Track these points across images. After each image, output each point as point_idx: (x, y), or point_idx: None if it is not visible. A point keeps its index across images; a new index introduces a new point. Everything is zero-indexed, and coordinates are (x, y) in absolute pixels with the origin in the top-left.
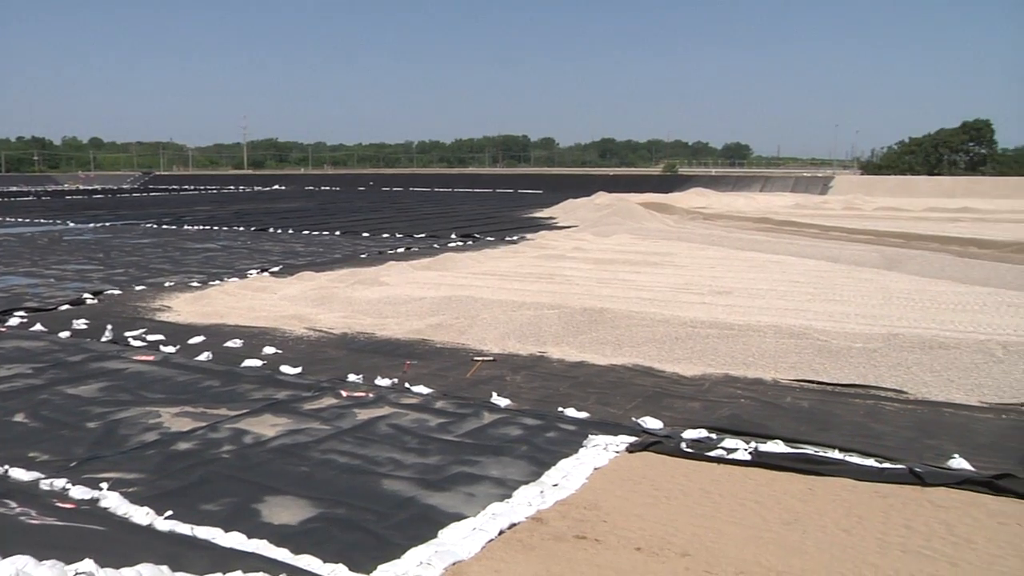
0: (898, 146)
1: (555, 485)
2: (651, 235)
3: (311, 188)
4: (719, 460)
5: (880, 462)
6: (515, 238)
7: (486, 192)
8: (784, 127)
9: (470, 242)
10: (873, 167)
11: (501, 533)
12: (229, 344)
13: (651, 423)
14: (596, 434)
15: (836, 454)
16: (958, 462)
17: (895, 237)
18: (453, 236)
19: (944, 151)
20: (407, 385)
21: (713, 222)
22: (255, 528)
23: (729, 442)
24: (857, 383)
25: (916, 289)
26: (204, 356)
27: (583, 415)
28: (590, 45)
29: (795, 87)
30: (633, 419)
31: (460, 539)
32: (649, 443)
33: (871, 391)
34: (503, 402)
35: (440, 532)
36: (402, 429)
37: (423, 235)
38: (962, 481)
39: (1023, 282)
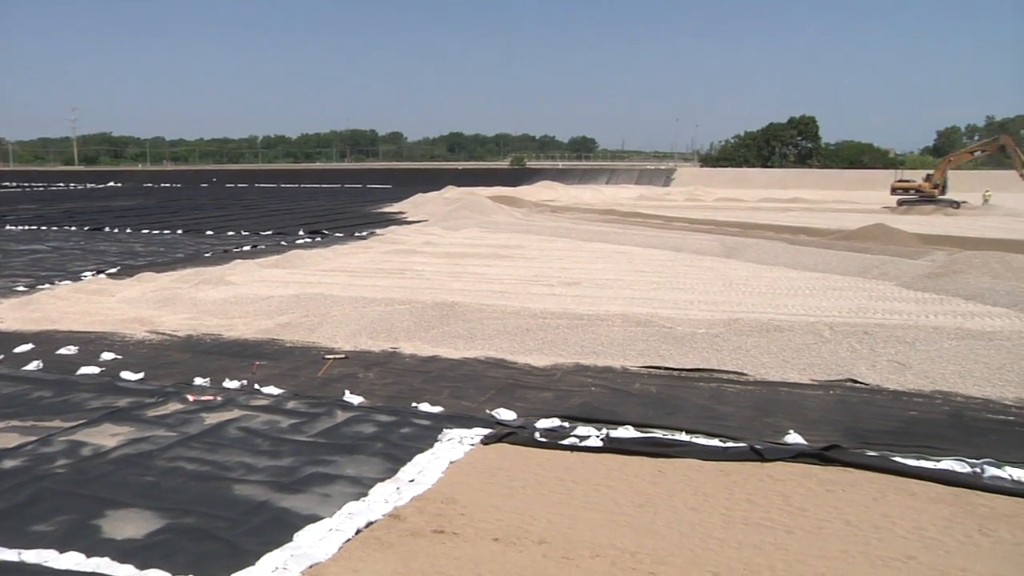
0: (734, 140)
1: (411, 481)
2: (500, 228)
3: (150, 185)
4: (572, 448)
5: (724, 442)
6: (365, 234)
7: (334, 187)
8: (628, 121)
9: (319, 239)
10: (712, 160)
11: (358, 532)
12: (63, 351)
13: (505, 414)
14: (451, 428)
15: (683, 436)
16: (793, 437)
17: (733, 226)
18: (301, 233)
19: (775, 144)
20: (257, 386)
21: (561, 214)
22: (95, 546)
23: (581, 430)
24: (701, 367)
25: (753, 276)
26: (33, 365)
27: (437, 409)
28: (436, 39)
29: (638, 82)
30: (487, 411)
31: (316, 541)
32: (504, 434)
33: (714, 374)
34: (356, 400)
35: (296, 535)
36: (253, 432)
37: (270, 232)
38: (797, 455)
39: (847, 267)
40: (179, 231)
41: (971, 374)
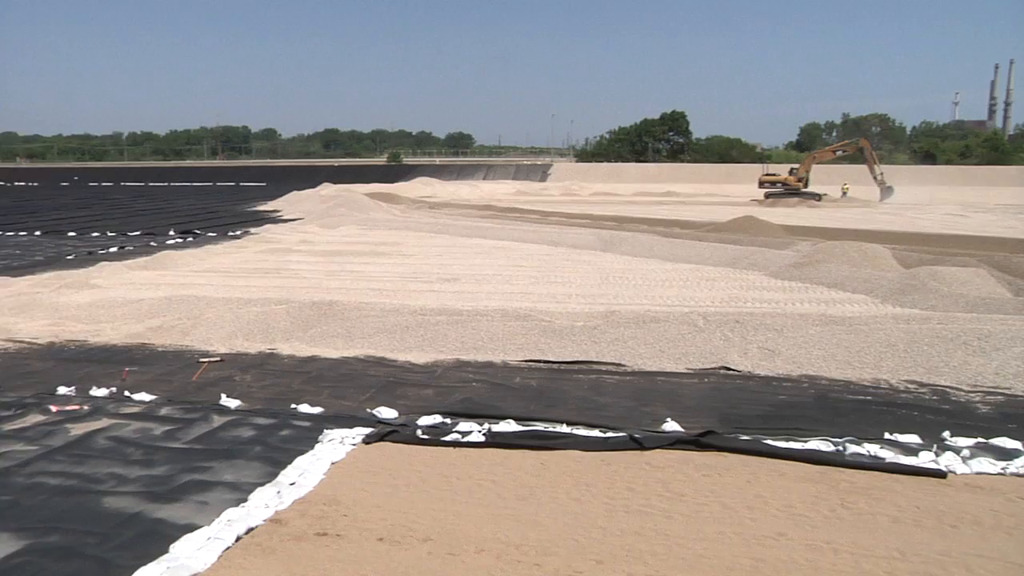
0: (609, 135)
1: (292, 484)
2: (378, 225)
3: (1, 184)
4: (455, 444)
5: (604, 432)
6: (239, 233)
7: (206, 186)
8: (505, 117)
9: (191, 239)
10: (587, 155)
11: (239, 539)
12: None
13: (386, 413)
14: (332, 428)
15: (564, 428)
16: (670, 425)
17: (609, 220)
18: (172, 233)
19: (648, 140)
20: (127, 393)
21: (439, 211)
22: None
23: (464, 425)
24: (581, 360)
25: (629, 268)
26: None
27: (317, 410)
28: (309, 33)
29: (514, 79)
30: (368, 410)
31: (194, 551)
32: (385, 433)
33: (593, 366)
34: (233, 403)
35: (172, 546)
36: (124, 441)
37: (138, 233)
38: (674, 442)
39: (718, 258)
40: (37, 232)
41: (834, 358)
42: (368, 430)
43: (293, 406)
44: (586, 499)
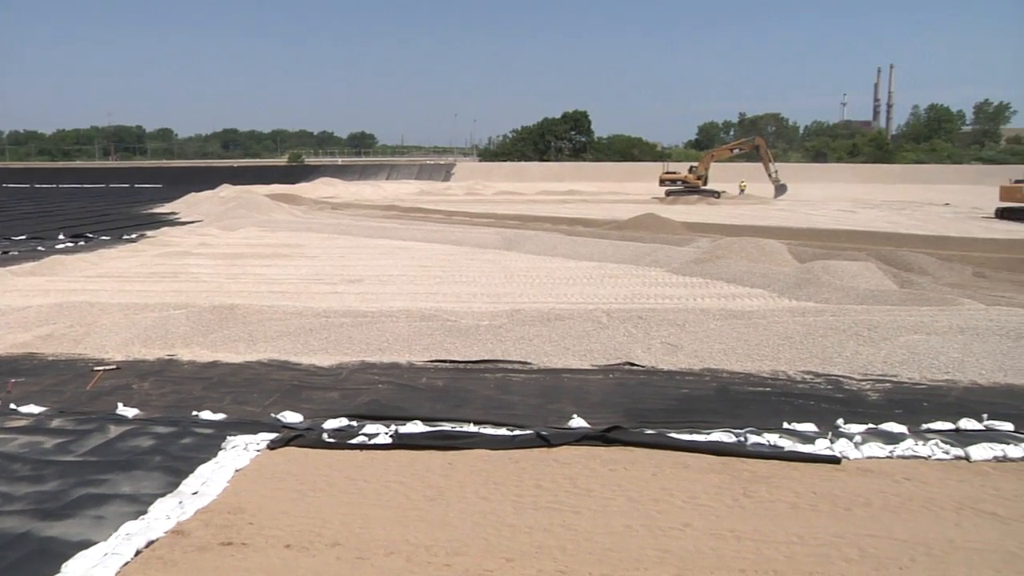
0: (512, 134)
1: (195, 493)
2: (280, 227)
3: None
4: (362, 447)
5: (511, 430)
6: (134, 236)
7: (98, 188)
8: (407, 116)
9: (82, 243)
10: (491, 154)
11: (138, 554)
12: None
13: (291, 417)
14: (235, 435)
15: (472, 427)
16: (577, 421)
17: (513, 219)
18: (61, 237)
19: (551, 139)
20: (13, 406)
21: (342, 211)
22: None
23: (370, 427)
24: (487, 359)
25: (533, 267)
26: None
27: (220, 417)
28: (204, 30)
29: (417, 78)
30: (273, 415)
31: (89, 569)
32: (291, 438)
33: (499, 365)
34: (131, 412)
35: (64, 565)
36: (9, 457)
37: (24, 237)
38: (581, 438)
39: (621, 255)
40: None
41: (734, 351)
42: (273, 435)
43: (194, 413)
44: (495, 497)
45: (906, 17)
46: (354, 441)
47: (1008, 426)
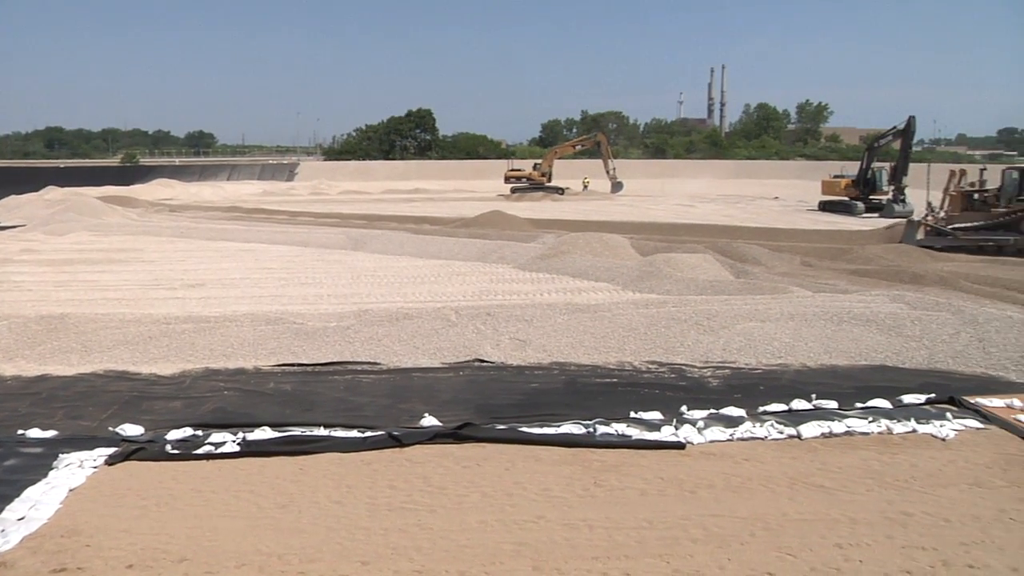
0: (356, 133)
1: (21, 519)
2: (114, 231)
3: None
4: (208, 456)
5: (363, 432)
6: None
7: None
8: (248, 115)
9: None
10: (335, 153)
11: None
12: None
13: (131, 430)
14: (68, 452)
15: (322, 431)
16: (428, 420)
17: (359, 219)
18: None
19: (396, 137)
20: None
21: (181, 213)
22: None
23: (216, 436)
24: (335, 360)
25: (381, 266)
26: None
27: (51, 434)
28: (24, 21)
29: (256, 75)
30: (111, 429)
31: None
32: (131, 451)
33: (349, 366)
34: None
35: None
36: None
37: None
38: (433, 436)
39: (468, 253)
40: None
41: (581, 344)
42: (111, 450)
43: (21, 432)
44: (348, 501)
45: (737, 19)
46: (200, 451)
47: (833, 404)
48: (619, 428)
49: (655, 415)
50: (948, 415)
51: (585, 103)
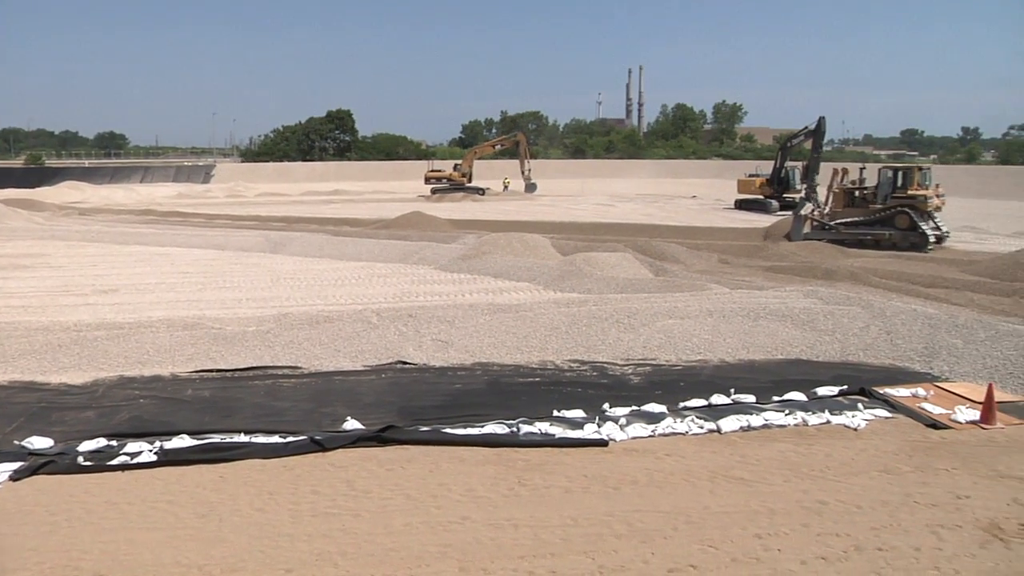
0: (274, 134)
1: None
2: (18, 235)
3: None
4: (123, 467)
5: (284, 437)
6: None
7: None
8: (161, 116)
9: None
10: (253, 155)
11: None
12: None
13: (40, 443)
14: None
15: (243, 437)
16: (351, 423)
17: (278, 221)
18: None
19: (315, 138)
20: None
21: (91, 217)
22: None
23: (132, 446)
24: (255, 365)
25: (300, 269)
26: None
27: None
28: None
29: (170, 75)
30: (17, 442)
31: None
32: (39, 465)
33: (269, 371)
34: None
35: None
36: None
37: None
38: (356, 440)
39: (389, 254)
40: None
41: (504, 344)
42: (17, 464)
43: None
44: (270, 508)
45: (655, 21)
46: (114, 462)
47: (751, 398)
48: (542, 427)
49: (578, 413)
50: (859, 406)
51: (505, 104)
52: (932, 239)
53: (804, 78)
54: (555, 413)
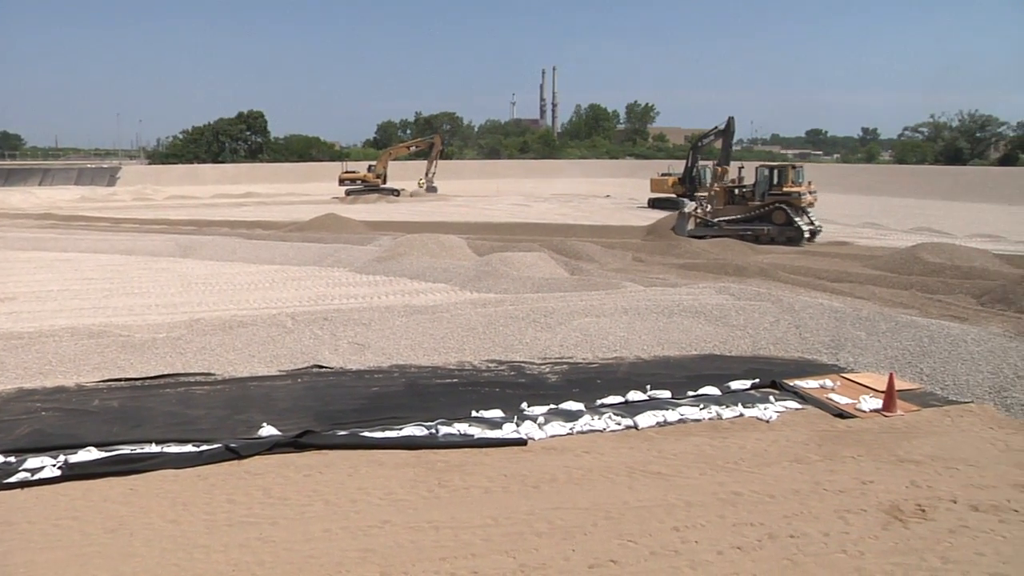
0: (183, 135)
1: None
2: None
3: None
4: (23, 484)
5: (198, 446)
6: None
7: None
8: (62, 116)
9: None
10: (161, 156)
11: None
12: None
13: None
14: None
15: (154, 448)
16: (267, 429)
17: (188, 224)
18: None
19: (225, 139)
20: None
21: None
22: None
23: (33, 461)
24: (166, 373)
25: (212, 273)
26: None
27: None
28: None
29: (71, 74)
30: None
31: None
32: None
33: (181, 378)
34: None
35: None
36: None
37: None
38: (272, 446)
39: (303, 257)
40: None
41: (421, 346)
42: None
43: None
44: (184, 519)
45: (568, 22)
46: (13, 479)
47: (666, 394)
48: (461, 428)
49: (496, 413)
50: (771, 398)
51: (420, 104)
52: (807, 234)
53: (714, 80)
54: (473, 413)
